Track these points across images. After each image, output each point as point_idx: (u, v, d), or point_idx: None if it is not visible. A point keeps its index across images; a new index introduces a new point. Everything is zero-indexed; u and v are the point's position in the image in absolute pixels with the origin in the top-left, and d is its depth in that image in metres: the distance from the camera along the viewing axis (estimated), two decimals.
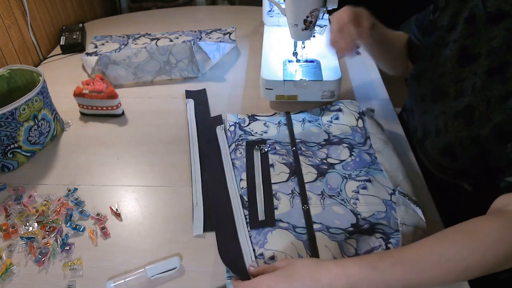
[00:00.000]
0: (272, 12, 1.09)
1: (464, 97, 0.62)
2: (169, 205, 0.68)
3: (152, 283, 0.56)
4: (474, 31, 0.62)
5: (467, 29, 0.63)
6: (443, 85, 0.67)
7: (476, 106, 0.60)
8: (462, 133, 0.62)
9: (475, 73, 0.61)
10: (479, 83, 0.60)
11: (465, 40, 0.63)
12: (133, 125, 0.86)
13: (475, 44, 0.62)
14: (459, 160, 0.64)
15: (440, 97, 0.67)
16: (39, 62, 1.12)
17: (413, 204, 0.60)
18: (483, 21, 0.61)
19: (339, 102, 0.84)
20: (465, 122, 0.61)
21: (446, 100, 0.65)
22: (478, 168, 0.62)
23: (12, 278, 0.57)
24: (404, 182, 0.65)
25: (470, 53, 0.62)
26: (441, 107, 0.67)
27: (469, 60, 0.63)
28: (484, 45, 0.60)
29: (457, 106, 0.63)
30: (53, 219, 0.64)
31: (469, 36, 0.63)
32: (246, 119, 0.83)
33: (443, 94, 0.66)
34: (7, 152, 0.72)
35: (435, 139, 0.69)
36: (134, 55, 0.95)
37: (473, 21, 0.62)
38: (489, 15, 0.60)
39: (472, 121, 0.60)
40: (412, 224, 0.58)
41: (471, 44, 0.62)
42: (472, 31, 0.62)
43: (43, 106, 0.75)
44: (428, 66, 0.72)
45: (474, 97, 0.60)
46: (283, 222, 0.62)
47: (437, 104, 0.68)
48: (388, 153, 0.70)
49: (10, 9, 1.00)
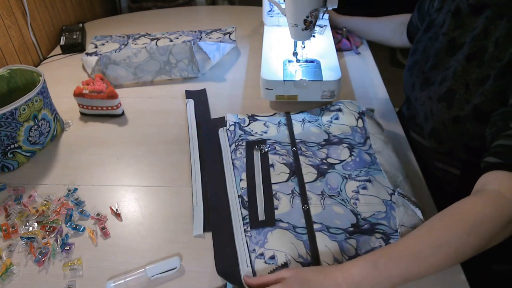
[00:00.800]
0: (272, 12, 1.09)
1: (446, 81, 0.67)
2: (169, 205, 0.68)
3: (152, 283, 0.56)
4: (460, 23, 0.67)
5: (453, 22, 0.68)
6: (432, 75, 0.71)
7: (456, 89, 0.64)
8: (444, 116, 0.65)
9: (457, 60, 0.66)
10: (459, 68, 0.64)
11: (453, 32, 0.68)
12: (133, 125, 0.86)
13: (460, 35, 0.67)
14: (444, 143, 0.68)
15: (428, 86, 0.71)
16: (39, 62, 1.12)
17: (412, 205, 0.60)
18: (466, 13, 0.66)
19: (339, 102, 0.84)
20: (447, 105, 0.65)
21: (432, 86, 0.70)
22: (462, 149, 0.66)
23: (12, 278, 0.57)
24: (404, 182, 0.65)
25: (456, 43, 0.67)
26: (427, 93, 0.71)
27: (455, 50, 0.67)
28: (468, 34, 0.65)
29: (440, 90, 0.67)
30: (53, 219, 0.64)
31: (456, 28, 0.68)
32: (246, 119, 0.83)
33: (431, 82, 0.71)
34: (7, 152, 0.72)
35: (424, 124, 0.73)
36: (134, 55, 0.95)
37: (458, 13, 0.67)
38: (471, 7, 0.65)
39: (452, 104, 0.64)
40: (411, 225, 0.58)
41: (458, 36, 0.67)
42: (458, 23, 0.67)
43: (43, 106, 0.75)
44: (420, 58, 0.77)
45: (455, 81, 0.65)
46: (283, 222, 0.62)
47: (424, 91, 0.72)
48: (387, 153, 0.70)
49: (10, 9, 1.00)
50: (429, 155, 0.76)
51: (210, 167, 0.73)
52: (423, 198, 0.67)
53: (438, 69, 0.70)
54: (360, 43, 1.11)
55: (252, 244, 0.60)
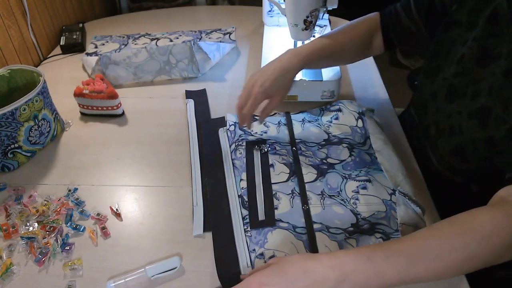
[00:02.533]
0: (272, 12, 1.09)
1: (480, 97, 0.60)
2: (169, 205, 0.68)
3: (152, 283, 0.56)
4: (496, 30, 0.59)
5: (488, 28, 0.60)
6: (460, 85, 0.64)
7: (493, 107, 0.58)
8: (476, 134, 0.59)
9: (494, 74, 0.58)
10: (496, 84, 0.58)
11: (486, 40, 0.60)
12: (133, 125, 0.86)
13: (496, 44, 0.59)
14: (470, 161, 0.63)
15: (456, 97, 0.64)
16: (39, 62, 1.12)
17: (413, 204, 0.60)
18: (506, 21, 0.58)
19: (339, 102, 0.84)
20: (479, 123, 0.59)
21: (462, 100, 0.63)
22: (488, 169, 0.61)
23: (13, 278, 0.57)
24: (404, 182, 0.65)
25: (490, 53, 0.60)
26: (456, 107, 0.64)
27: (489, 61, 0.60)
28: (505, 45, 0.58)
29: (472, 106, 0.61)
30: (53, 219, 0.64)
31: (490, 36, 0.60)
32: None
33: (460, 94, 0.64)
34: (7, 152, 0.72)
35: (447, 139, 0.67)
36: (134, 55, 0.95)
37: (495, 20, 0.59)
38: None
39: (487, 123, 0.58)
40: (411, 224, 0.58)
41: (492, 44, 0.59)
42: (494, 30, 0.60)
43: (43, 106, 0.75)
44: (443, 63, 0.69)
45: (491, 98, 0.58)
46: (283, 222, 0.62)
47: (452, 104, 0.65)
48: (387, 153, 0.70)
49: (10, 9, 1.00)
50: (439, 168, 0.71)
51: (210, 167, 0.74)
52: (423, 198, 0.67)
53: (465, 78, 0.63)
54: None
55: (252, 244, 0.60)
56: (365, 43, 0.79)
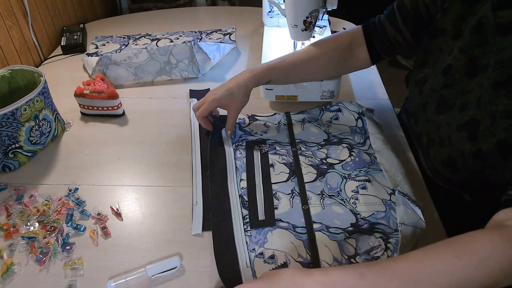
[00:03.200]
0: (272, 12, 1.10)
1: (469, 109, 0.59)
2: (170, 205, 0.68)
3: (153, 283, 0.56)
4: (482, 41, 0.59)
5: (475, 39, 0.60)
6: (449, 96, 0.64)
7: (481, 120, 0.57)
8: (465, 147, 0.59)
9: (481, 85, 0.58)
10: (484, 96, 0.57)
11: (473, 50, 0.60)
12: (133, 125, 0.86)
13: (483, 55, 0.59)
14: (461, 172, 0.62)
15: (445, 109, 0.64)
16: (40, 63, 1.12)
17: (412, 203, 0.61)
18: (492, 31, 0.57)
19: (339, 103, 0.84)
20: (469, 136, 0.59)
21: (451, 111, 0.63)
22: (479, 181, 0.60)
23: (13, 278, 0.57)
24: (403, 182, 0.65)
25: (477, 64, 0.59)
26: (445, 118, 0.64)
27: (477, 71, 0.59)
28: (492, 56, 0.57)
29: (461, 118, 0.60)
30: (54, 218, 0.64)
31: (477, 46, 0.59)
32: (246, 119, 0.84)
33: (449, 106, 0.63)
34: (8, 152, 0.72)
35: (438, 149, 0.67)
36: (134, 56, 0.96)
37: (481, 30, 0.59)
38: (499, 26, 0.56)
39: (476, 135, 0.58)
40: (411, 224, 0.59)
41: (479, 55, 0.59)
42: (480, 41, 0.59)
43: (44, 106, 0.75)
44: (430, 73, 0.69)
45: (479, 110, 0.57)
46: (283, 221, 0.63)
47: (442, 115, 0.65)
48: (387, 153, 0.70)
49: (11, 10, 1.00)
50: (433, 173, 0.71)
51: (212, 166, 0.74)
52: (422, 198, 0.67)
53: (454, 89, 0.63)
54: None
55: (252, 244, 0.60)
56: (344, 55, 0.77)
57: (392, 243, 0.58)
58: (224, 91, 0.73)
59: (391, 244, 0.58)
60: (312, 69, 0.78)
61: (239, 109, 0.75)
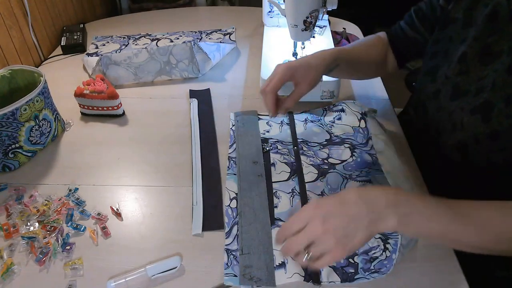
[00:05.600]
0: (272, 12, 1.10)
1: (484, 93, 0.61)
2: (170, 205, 0.68)
3: (153, 283, 0.56)
4: (496, 28, 0.61)
5: (489, 27, 0.62)
6: (463, 83, 0.65)
7: (495, 102, 0.59)
8: (479, 129, 0.61)
9: (496, 70, 0.60)
10: (499, 80, 0.59)
11: (487, 38, 0.62)
12: (133, 125, 0.86)
13: (497, 42, 0.61)
14: (470, 158, 0.64)
15: (460, 95, 0.65)
16: (40, 63, 1.12)
17: None
18: (506, 19, 0.59)
19: (342, 103, 0.84)
20: (482, 118, 0.60)
21: (465, 97, 0.64)
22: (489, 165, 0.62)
23: (13, 278, 0.57)
24: (405, 183, 0.65)
25: (492, 51, 0.61)
26: (459, 103, 0.65)
27: (491, 58, 0.61)
28: (506, 43, 0.59)
29: (475, 101, 0.62)
30: (54, 218, 0.64)
31: (491, 34, 0.61)
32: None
33: (463, 92, 0.65)
34: (8, 152, 0.72)
35: (449, 135, 0.68)
36: (134, 56, 0.96)
37: (495, 18, 0.61)
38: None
39: (490, 117, 0.59)
40: None
41: (493, 42, 0.61)
42: (494, 28, 0.61)
43: (44, 106, 0.75)
44: (442, 62, 0.70)
45: (493, 93, 0.59)
46: (283, 221, 0.63)
47: (456, 101, 0.66)
48: (389, 153, 0.70)
49: (11, 10, 1.00)
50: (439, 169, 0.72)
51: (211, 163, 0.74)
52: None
53: (469, 76, 0.64)
54: None
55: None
56: (383, 60, 0.83)
57: (391, 243, 0.58)
58: (300, 60, 0.68)
59: (390, 245, 0.58)
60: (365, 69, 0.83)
61: (312, 83, 0.68)
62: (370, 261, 0.56)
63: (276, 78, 0.67)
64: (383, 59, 0.83)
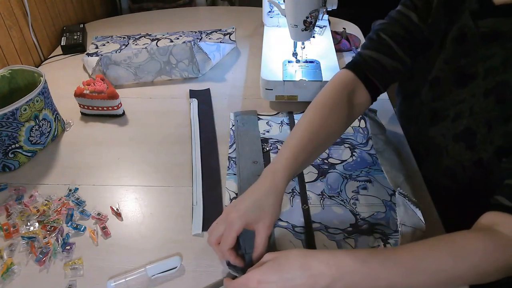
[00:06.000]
0: (272, 12, 1.10)
1: (462, 119, 0.59)
2: (170, 205, 0.68)
3: (153, 283, 0.56)
4: (467, 50, 0.58)
5: (458, 49, 0.59)
6: (441, 108, 0.63)
7: (476, 129, 0.57)
8: (465, 157, 0.59)
9: (473, 95, 0.58)
10: (477, 105, 0.57)
11: (459, 61, 0.59)
12: (133, 125, 0.86)
13: (470, 64, 0.58)
14: (460, 182, 0.63)
15: (439, 121, 0.63)
16: (40, 63, 1.12)
17: (412, 205, 0.61)
18: (476, 40, 0.56)
19: None
20: (467, 146, 0.58)
21: (444, 122, 0.62)
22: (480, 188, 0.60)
23: (13, 278, 0.57)
24: (405, 183, 0.65)
25: (466, 73, 0.59)
26: (439, 129, 0.63)
27: (467, 81, 0.59)
28: (480, 64, 0.57)
29: (456, 128, 0.60)
30: (54, 218, 0.64)
31: (462, 56, 0.59)
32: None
33: (442, 117, 0.63)
34: (8, 152, 0.72)
35: (435, 160, 0.67)
36: (134, 56, 0.96)
37: (464, 40, 0.58)
38: (483, 35, 0.55)
39: (474, 144, 0.57)
40: (411, 225, 0.59)
41: (467, 64, 0.58)
42: (464, 51, 0.58)
43: (44, 106, 0.75)
44: (419, 86, 0.67)
45: (473, 119, 0.57)
46: (283, 221, 0.63)
47: (435, 127, 0.64)
48: (389, 153, 0.70)
49: (11, 10, 1.00)
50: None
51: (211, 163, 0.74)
52: (423, 198, 0.67)
53: (445, 101, 0.62)
54: (359, 44, 1.11)
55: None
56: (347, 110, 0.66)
57: (391, 243, 0.58)
58: (250, 203, 0.54)
59: (390, 244, 0.58)
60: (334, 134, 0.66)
61: (271, 227, 0.54)
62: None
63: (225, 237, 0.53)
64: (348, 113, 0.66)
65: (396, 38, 0.66)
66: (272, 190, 0.54)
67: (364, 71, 0.67)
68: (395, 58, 0.67)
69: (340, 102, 0.64)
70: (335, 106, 0.64)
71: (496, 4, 0.52)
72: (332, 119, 0.63)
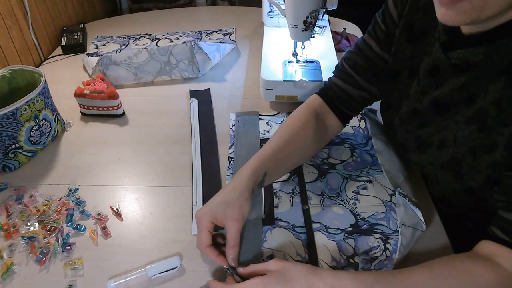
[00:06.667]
0: (272, 13, 1.10)
1: (448, 147, 0.57)
2: (170, 205, 0.68)
3: (153, 283, 0.56)
4: (441, 81, 0.56)
5: (433, 81, 0.57)
6: (426, 135, 0.61)
7: (462, 157, 0.55)
8: (455, 185, 0.58)
9: (457, 122, 0.55)
10: (460, 133, 0.55)
11: (435, 92, 0.58)
12: (133, 125, 0.86)
13: (444, 95, 0.56)
14: (455, 207, 0.63)
15: (426, 148, 0.62)
16: (40, 63, 1.12)
17: (412, 205, 0.61)
18: (449, 72, 0.55)
19: None
20: (455, 175, 0.57)
21: (430, 150, 0.61)
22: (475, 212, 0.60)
23: (13, 278, 0.57)
24: (405, 183, 0.65)
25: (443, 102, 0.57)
26: (427, 157, 0.62)
27: (447, 108, 0.57)
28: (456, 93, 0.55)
29: (442, 157, 0.58)
30: (54, 219, 0.64)
31: (437, 87, 0.57)
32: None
33: (428, 144, 0.61)
34: (8, 152, 0.72)
35: (429, 187, 0.68)
36: (134, 56, 0.96)
37: (437, 72, 0.56)
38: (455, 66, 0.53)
39: (461, 174, 0.56)
40: (411, 225, 0.59)
41: (443, 94, 0.56)
42: (438, 82, 0.57)
43: (44, 107, 0.75)
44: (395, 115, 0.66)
45: (457, 148, 0.55)
46: (283, 221, 0.63)
47: (423, 155, 0.63)
48: (389, 153, 0.70)
49: (11, 10, 1.00)
50: None
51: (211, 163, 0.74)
52: (423, 199, 0.67)
53: (429, 127, 0.60)
54: None
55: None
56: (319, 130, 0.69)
57: (391, 243, 0.58)
58: (217, 200, 0.57)
59: (390, 245, 0.58)
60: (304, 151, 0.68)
61: (239, 220, 0.55)
62: (370, 261, 0.57)
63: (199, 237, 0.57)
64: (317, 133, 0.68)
65: (357, 68, 0.67)
66: (237, 186, 0.57)
67: (333, 99, 0.70)
68: (359, 88, 0.68)
69: (308, 123, 0.67)
70: (303, 125, 0.67)
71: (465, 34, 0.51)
72: (300, 135, 0.66)
